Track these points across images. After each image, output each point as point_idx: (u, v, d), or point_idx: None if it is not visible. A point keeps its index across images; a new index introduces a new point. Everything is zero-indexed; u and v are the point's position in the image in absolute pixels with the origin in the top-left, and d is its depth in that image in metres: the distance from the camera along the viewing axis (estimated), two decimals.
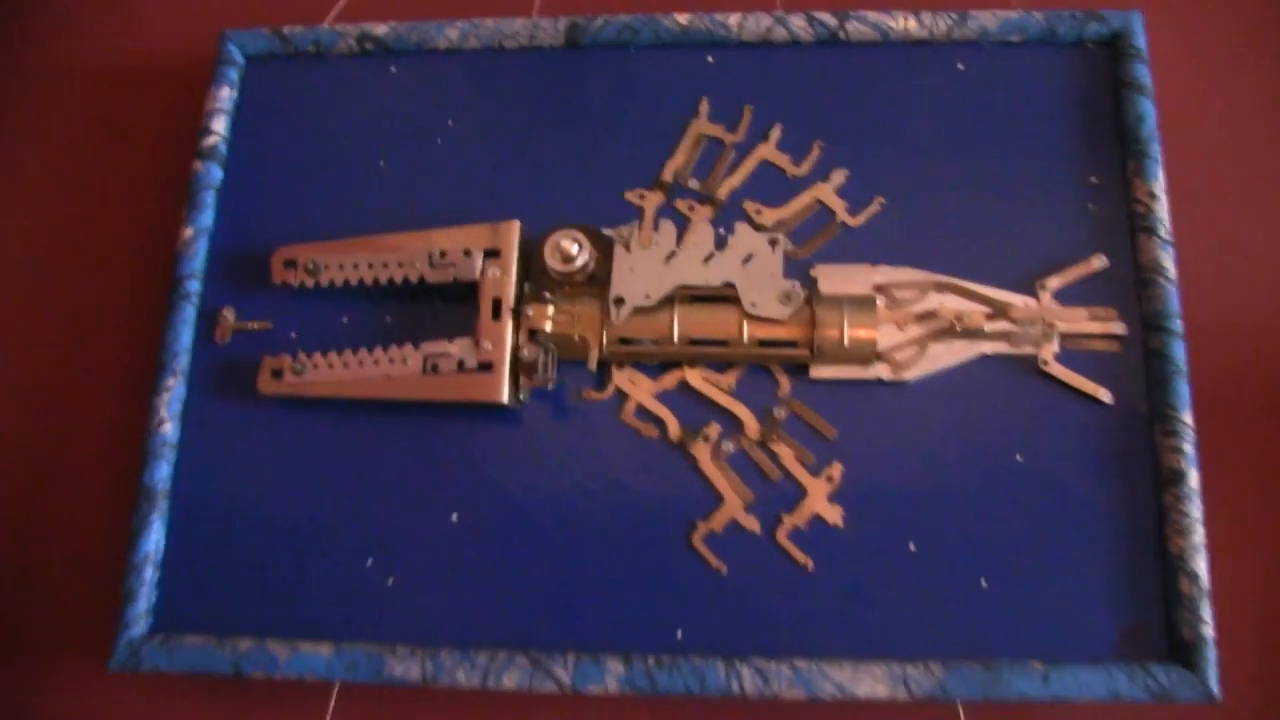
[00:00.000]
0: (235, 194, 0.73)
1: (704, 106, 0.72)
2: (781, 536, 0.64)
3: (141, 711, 0.67)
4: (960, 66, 0.71)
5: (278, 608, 0.65)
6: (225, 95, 0.74)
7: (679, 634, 0.63)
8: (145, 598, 0.65)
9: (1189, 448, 0.63)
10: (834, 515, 0.64)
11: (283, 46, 0.75)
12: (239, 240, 0.72)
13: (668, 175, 0.71)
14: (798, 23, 0.72)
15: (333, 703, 0.65)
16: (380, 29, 0.74)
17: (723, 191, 0.70)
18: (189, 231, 0.71)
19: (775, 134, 0.71)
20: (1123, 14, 0.71)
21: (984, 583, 0.63)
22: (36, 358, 0.75)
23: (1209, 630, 0.60)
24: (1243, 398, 0.68)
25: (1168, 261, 0.66)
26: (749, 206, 0.70)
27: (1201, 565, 0.61)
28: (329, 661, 0.63)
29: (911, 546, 0.64)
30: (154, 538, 0.66)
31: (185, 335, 0.69)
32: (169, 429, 0.67)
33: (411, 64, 0.74)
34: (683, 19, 0.72)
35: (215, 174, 0.72)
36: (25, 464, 0.73)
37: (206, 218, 0.72)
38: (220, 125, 0.73)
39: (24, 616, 0.70)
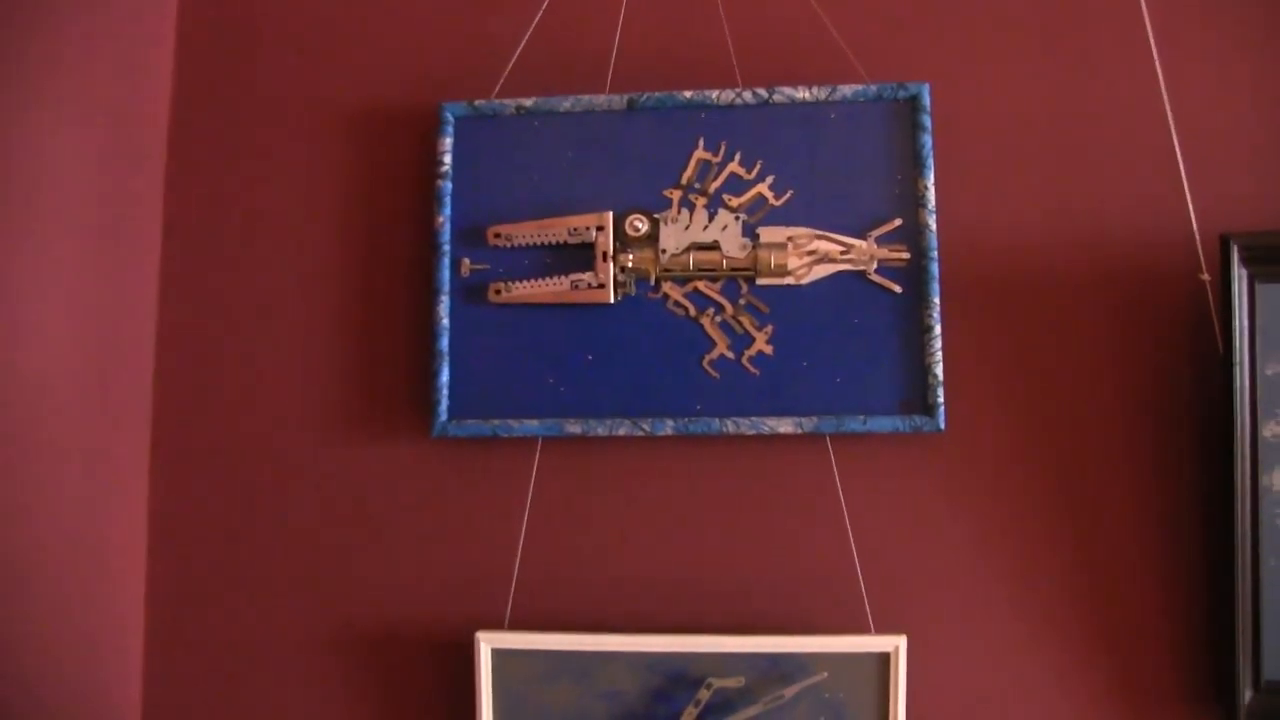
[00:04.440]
0: (460, 196, 1.40)
1: (701, 142, 1.38)
2: (744, 360, 1.36)
3: (445, 457, 1.42)
4: (832, 116, 1.37)
5: (509, 403, 1.38)
6: (448, 143, 1.40)
7: (698, 406, 1.36)
8: (444, 401, 1.38)
9: (936, 314, 1.32)
10: (768, 350, 1.35)
11: (474, 112, 1.40)
12: (466, 222, 1.40)
13: (684, 180, 1.38)
14: (747, 95, 1.37)
15: (539, 447, 1.39)
16: (528, 102, 1.39)
17: (711, 189, 1.37)
18: (440, 219, 1.39)
19: (738, 156, 1.37)
20: (918, 85, 1.35)
21: (838, 379, 1.34)
22: (357, 294, 1.46)
23: (940, 400, 1.32)
24: (969, 291, 1.37)
25: (931, 222, 1.33)
26: (725, 196, 1.37)
27: (939, 371, 1.32)
28: (536, 427, 1.36)
29: (805, 363, 1.35)
30: (444, 374, 1.38)
31: (445, 273, 1.39)
32: (445, 321, 1.38)
33: (545, 121, 1.40)
34: (688, 94, 1.37)
35: (449, 187, 1.40)
36: (369, 344, 1.45)
37: (448, 210, 1.39)
38: (447, 160, 1.40)
39: (372, 417, 1.44)
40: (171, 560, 1.46)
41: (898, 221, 1.34)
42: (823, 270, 1.35)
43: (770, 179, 1.37)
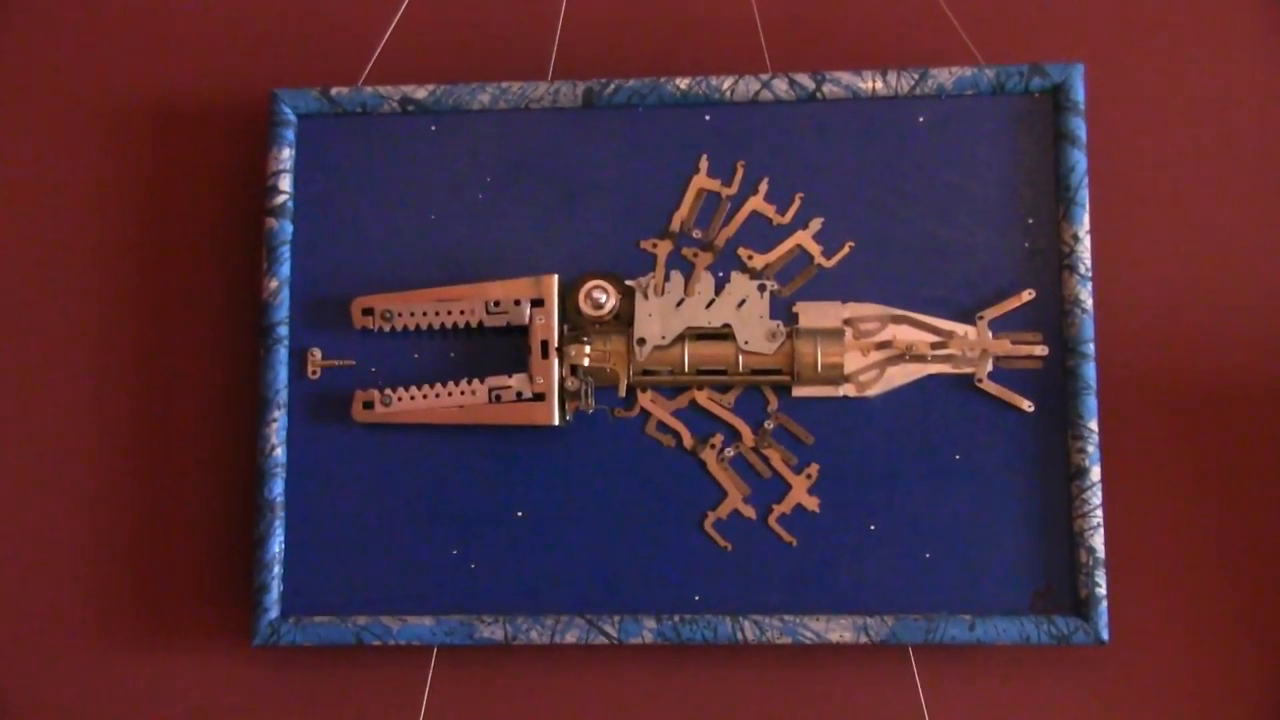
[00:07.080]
0: (305, 246, 0.86)
1: (703, 163, 0.85)
2: (772, 521, 0.83)
3: (277, 676, 0.88)
4: (920, 119, 0.84)
5: (383, 591, 0.84)
6: (286, 155, 0.86)
7: (696, 597, 0.83)
8: (275, 589, 0.84)
9: (1092, 449, 0.80)
10: (812, 504, 0.83)
11: (330, 106, 0.86)
12: (315, 288, 0.86)
13: (675, 225, 0.85)
14: (780, 85, 0.84)
15: (434, 660, 0.85)
16: (420, 92, 0.85)
17: (720, 239, 0.84)
18: (273, 283, 0.85)
19: (763, 186, 0.85)
20: (1065, 67, 0.83)
21: (927, 555, 0.82)
22: (137, 406, 0.91)
23: (1102, 590, 0.80)
24: (1143, 410, 0.86)
25: (1085, 295, 0.81)
26: (742, 252, 0.85)
27: (1098, 541, 0.80)
28: (431, 629, 0.83)
29: (872, 527, 0.83)
30: (276, 541, 0.84)
31: (281, 374, 0.85)
32: (279, 452, 0.84)
33: (450, 123, 0.86)
34: (683, 82, 0.84)
35: (287, 229, 0.86)
36: (147, 491, 0.90)
37: (285, 269, 0.85)
38: (285, 184, 0.86)
39: (167, 610, 0.89)
40: None
41: (1029, 294, 0.82)
42: (903, 374, 0.82)
43: (817, 223, 0.84)
